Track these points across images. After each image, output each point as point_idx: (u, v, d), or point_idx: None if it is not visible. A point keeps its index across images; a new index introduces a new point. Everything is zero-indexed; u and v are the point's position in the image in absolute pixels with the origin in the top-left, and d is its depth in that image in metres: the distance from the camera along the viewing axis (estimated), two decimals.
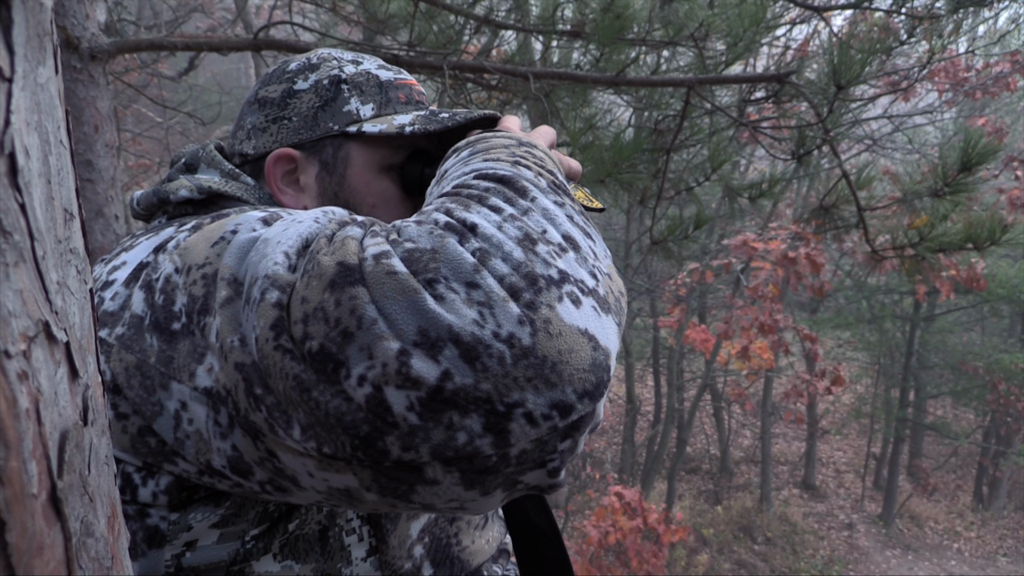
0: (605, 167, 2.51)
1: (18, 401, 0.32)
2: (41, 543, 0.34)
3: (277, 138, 0.96)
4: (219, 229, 0.71)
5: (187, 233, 0.74)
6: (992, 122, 10.12)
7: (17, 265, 0.32)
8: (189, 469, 0.68)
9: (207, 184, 0.91)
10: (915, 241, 2.52)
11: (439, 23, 2.91)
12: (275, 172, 0.95)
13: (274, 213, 0.72)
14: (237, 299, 0.64)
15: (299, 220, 0.67)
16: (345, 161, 0.96)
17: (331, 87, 0.97)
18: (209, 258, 0.69)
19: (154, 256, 0.74)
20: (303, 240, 0.65)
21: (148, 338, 0.69)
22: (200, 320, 0.66)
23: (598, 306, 0.62)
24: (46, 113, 0.35)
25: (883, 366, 15.67)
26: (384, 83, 1.00)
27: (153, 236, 0.82)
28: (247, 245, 0.67)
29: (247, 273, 0.64)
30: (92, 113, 2.37)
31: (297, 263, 0.62)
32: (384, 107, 0.98)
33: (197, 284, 0.68)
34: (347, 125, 0.95)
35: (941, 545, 13.31)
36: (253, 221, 0.70)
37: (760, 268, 7.86)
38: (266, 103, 0.98)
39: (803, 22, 6.82)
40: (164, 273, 0.71)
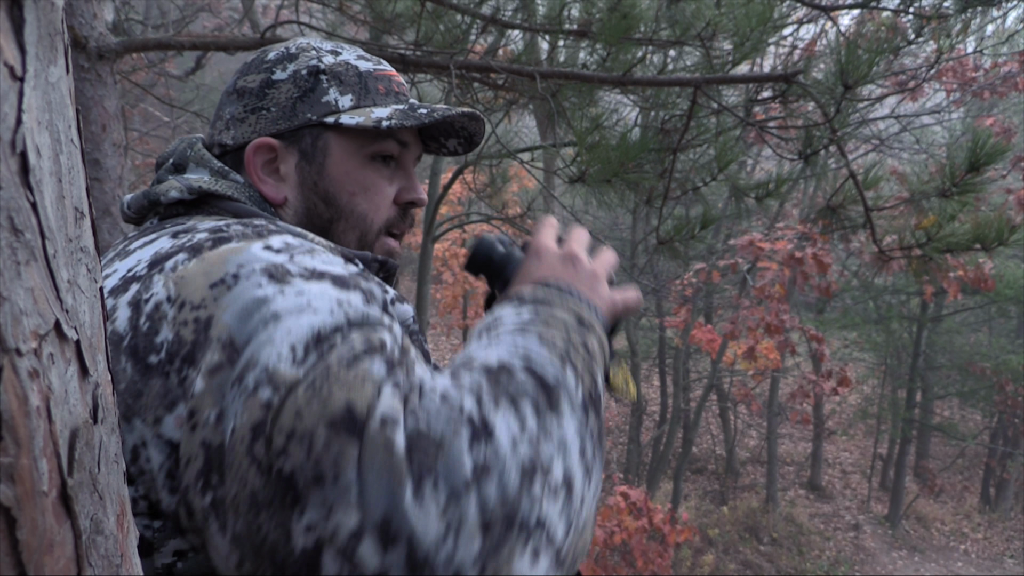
0: (612, 167, 2.51)
1: (29, 399, 0.32)
2: (51, 540, 0.34)
3: (256, 128, 0.96)
4: (220, 265, 0.69)
5: (186, 256, 0.72)
6: (1000, 122, 10.08)
7: (28, 263, 0.32)
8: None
9: (197, 184, 0.90)
10: (922, 241, 2.51)
11: (446, 23, 2.91)
12: (255, 161, 0.95)
13: (280, 266, 0.69)
14: (228, 369, 0.62)
15: (313, 307, 0.65)
16: (324, 151, 0.96)
17: (309, 77, 0.96)
18: (206, 300, 0.67)
19: (148, 273, 0.72)
20: (315, 334, 0.63)
21: (122, 361, 0.68)
22: (181, 368, 0.65)
23: (554, 562, 0.61)
24: (57, 112, 0.35)
25: (890, 367, 15.63)
26: (363, 73, 0.98)
27: (146, 242, 0.80)
28: (251, 307, 0.65)
29: (246, 347, 0.62)
30: (100, 112, 2.38)
31: (304, 358, 0.61)
32: (363, 98, 0.97)
33: (187, 326, 0.66)
34: (325, 115, 0.95)
35: (948, 546, 13.27)
36: (258, 271, 0.68)
37: (767, 268, 7.84)
38: (244, 93, 0.97)
39: (810, 21, 6.80)
40: (155, 298, 0.69)
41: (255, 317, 0.64)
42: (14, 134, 0.32)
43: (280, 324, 0.63)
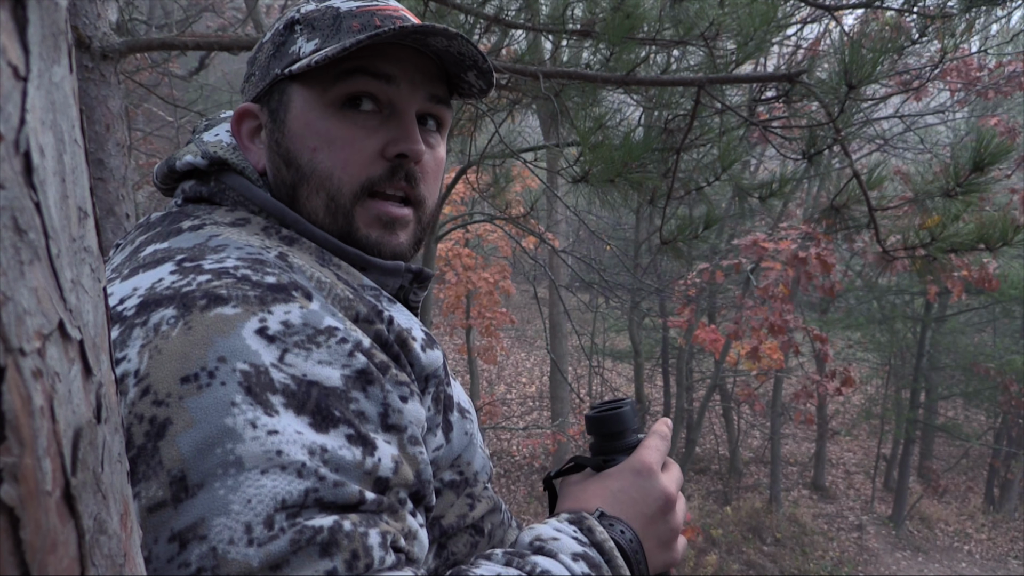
0: (615, 167, 2.50)
1: (33, 399, 0.32)
2: (55, 540, 0.34)
3: (247, 95, 0.90)
4: (201, 350, 0.60)
5: (174, 315, 0.63)
6: (1004, 122, 10.05)
7: (32, 263, 0.32)
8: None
9: (212, 150, 0.84)
10: (926, 241, 2.51)
11: (449, 22, 2.91)
12: (240, 130, 0.87)
13: (264, 374, 0.61)
14: (170, 510, 0.55)
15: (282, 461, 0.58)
16: (287, 105, 0.84)
17: (284, 31, 0.86)
18: (170, 397, 0.59)
19: (133, 319, 0.64)
20: (278, 503, 0.56)
21: None
22: None
23: None
24: (61, 112, 0.35)
25: (894, 367, 15.61)
26: (342, 14, 0.84)
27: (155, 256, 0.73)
28: (213, 440, 0.57)
29: (198, 493, 0.56)
30: (103, 112, 2.39)
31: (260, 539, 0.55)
32: (329, 39, 0.82)
33: (142, 423, 0.58)
34: (287, 66, 0.83)
35: (952, 547, 13.25)
36: (237, 375, 0.60)
37: (770, 268, 7.83)
38: (251, 62, 0.91)
39: (814, 21, 6.80)
40: (125, 367, 0.61)
41: (215, 454, 0.56)
42: (18, 134, 0.32)
43: (241, 482, 0.56)
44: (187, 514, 0.55)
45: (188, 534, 0.54)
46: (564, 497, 0.90)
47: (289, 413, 0.60)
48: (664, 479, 0.86)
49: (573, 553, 0.74)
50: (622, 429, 0.91)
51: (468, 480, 0.84)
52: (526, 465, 13.56)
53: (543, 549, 0.74)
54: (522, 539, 0.78)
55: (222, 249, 0.73)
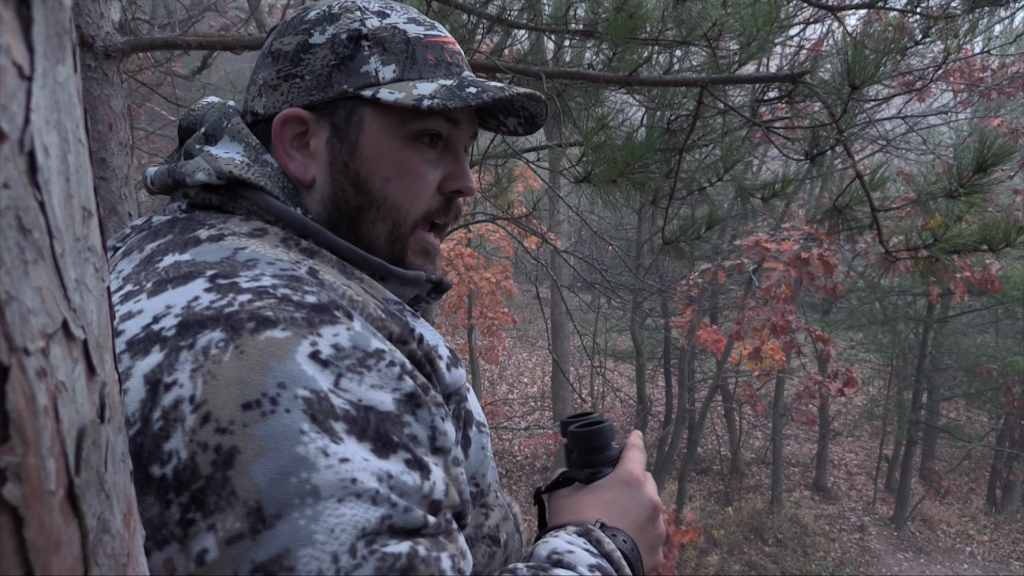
0: (617, 167, 2.50)
1: (36, 398, 0.32)
2: (58, 540, 0.34)
3: (288, 97, 0.85)
4: (259, 376, 0.59)
5: (223, 338, 0.61)
6: (1008, 123, 10.04)
7: (36, 263, 0.32)
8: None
9: (227, 168, 0.80)
10: (929, 242, 2.51)
11: (452, 22, 2.91)
12: (283, 135, 0.84)
13: (324, 400, 0.60)
14: (249, 542, 0.55)
15: (357, 489, 0.58)
16: (359, 127, 0.84)
17: (349, 43, 0.83)
18: (234, 425, 0.57)
19: (176, 342, 0.62)
20: (359, 532, 0.57)
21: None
22: (189, 506, 0.56)
23: None
24: (65, 111, 0.35)
25: (896, 368, 15.59)
26: (412, 40, 0.85)
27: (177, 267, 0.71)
28: (287, 469, 0.57)
29: (277, 523, 0.55)
30: (106, 111, 2.39)
31: (346, 564, 0.56)
32: (408, 69, 0.84)
33: (207, 451, 0.57)
34: (363, 87, 0.82)
35: (953, 548, 13.23)
36: (300, 403, 0.59)
37: (772, 269, 7.82)
38: (279, 57, 0.86)
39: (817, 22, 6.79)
40: (177, 391, 0.59)
41: (291, 484, 0.56)
42: (22, 133, 0.32)
43: (321, 512, 0.56)
44: (268, 545, 0.55)
45: (273, 566, 0.54)
46: (559, 509, 0.93)
47: (352, 439, 0.60)
48: (649, 489, 0.93)
49: (589, 564, 0.78)
50: (606, 442, 0.97)
51: (483, 491, 0.85)
52: (528, 465, 13.57)
53: (561, 562, 0.78)
54: (539, 553, 0.81)
55: (254, 264, 0.71)
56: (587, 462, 0.96)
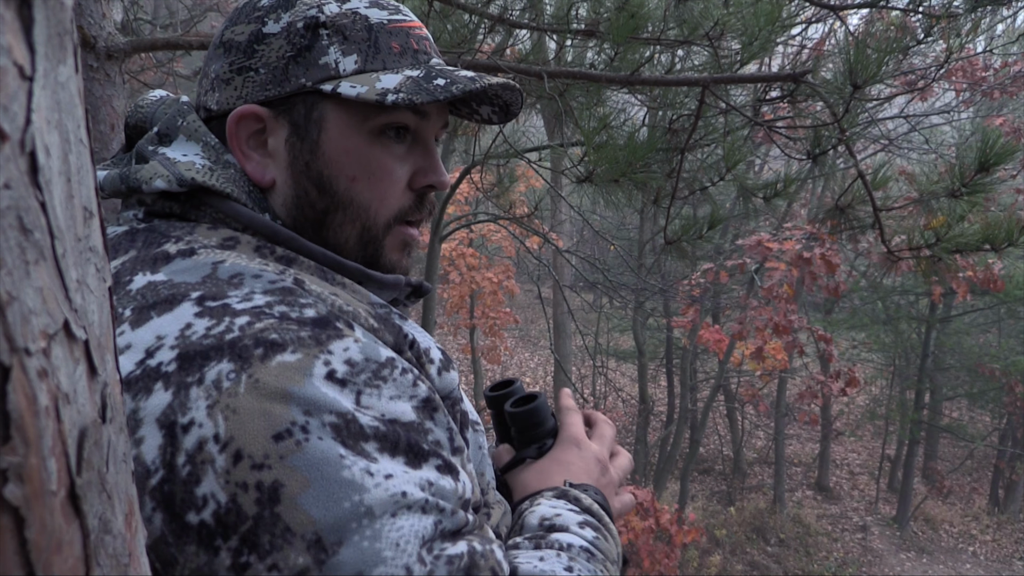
0: (619, 167, 2.50)
1: (38, 399, 0.32)
2: (60, 540, 0.34)
3: (242, 92, 0.78)
4: (281, 405, 0.57)
5: (232, 369, 0.58)
6: (1010, 122, 10.03)
7: (37, 263, 0.32)
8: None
9: (188, 175, 0.73)
10: (931, 242, 2.50)
11: (453, 22, 2.91)
12: (239, 133, 0.78)
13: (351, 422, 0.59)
14: (316, 574, 0.54)
15: (407, 502, 0.59)
16: (319, 124, 0.78)
17: (306, 32, 0.77)
18: (270, 458, 0.55)
19: (180, 377, 0.59)
20: (421, 540, 0.58)
21: (148, 506, 0.55)
22: (240, 550, 0.54)
23: None
24: (66, 112, 0.35)
25: (898, 367, 15.58)
26: (374, 26, 0.79)
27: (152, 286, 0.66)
28: (336, 495, 0.56)
29: (340, 550, 0.55)
30: (108, 112, 2.39)
31: (419, 573, 0.57)
32: (371, 59, 0.78)
33: (248, 491, 0.54)
34: (322, 81, 0.76)
35: (956, 548, 13.22)
36: (328, 428, 0.58)
37: (775, 268, 7.82)
38: (231, 48, 0.79)
39: (819, 21, 6.78)
40: (198, 432, 0.56)
41: (344, 508, 0.55)
42: (23, 134, 0.32)
43: (381, 530, 0.56)
44: (337, 572, 0.54)
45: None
46: (523, 484, 0.96)
47: (386, 456, 0.60)
48: (595, 445, 0.99)
49: (578, 522, 0.82)
50: (544, 416, 1.02)
51: (483, 490, 0.83)
52: None
53: (554, 526, 0.81)
54: (530, 523, 0.83)
55: (240, 282, 0.67)
56: (531, 437, 1.00)
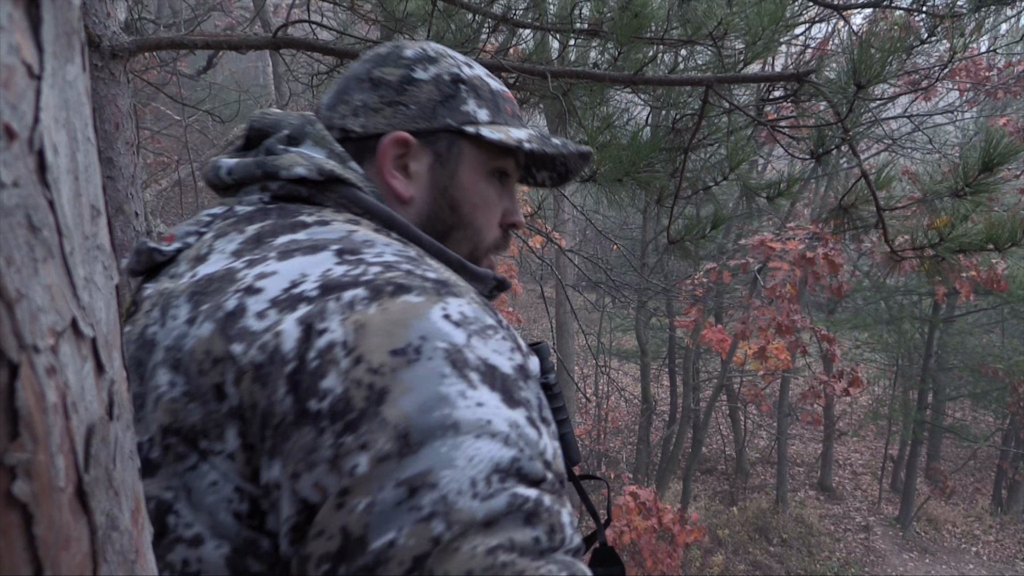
0: (623, 166, 2.50)
1: (46, 396, 0.32)
2: (68, 536, 0.34)
3: (392, 121, 0.94)
4: (403, 328, 0.66)
5: (365, 296, 0.68)
6: (1014, 121, 10.01)
7: (46, 261, 0.33)
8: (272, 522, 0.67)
9: (327, 166, 0.87)
10: (935, 242, 2.50)
11: (456, 22, 2.92)
12: (389, 153, 0.94)
13: (460, 352, 0.66)
14: (395, 462, 0.61)
15: (491, 430, 0.64)
16: (458, 157, 0.97)
17: (451, 84, 0.96)
18: (384, 367, 0.63)
19: (321, 297, 0.68)
20: (494, 466, 0.62)
21: (280, 392, 0.64)
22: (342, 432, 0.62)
23: None
24: (74, 110, 0.36)
25: (901, 367, 15.55)
26: (495, 91, 1.01)
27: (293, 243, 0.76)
28: (432, 404, 0.63)
29: (421, 450, 0.61)
30: (112, 111, 2.40)
31: (483, 495, 0.61)
32: (496, 115, 0.99)
33: (360, 387, 0.63)
34: (464, 124, 0.96)
35: (959, 548, 13.20)
36: (440, 352, 0.65)
37: (778, 268, 7.81)
38: (381, 84, 0.96)
39: (822, 21, 6.78)
40: (330, 335, 0.65)
41: (434, 416, 0.62)
42: (32, 132, 0.32)
43: (460, 442, 0.62)
44: (412, 466, 0.60)
45: (417, 481, 0.60)
46: None
47: (485, 388, 0.66)
48: None
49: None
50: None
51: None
52: None
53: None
54: None
55: (372, 244, 0.77)
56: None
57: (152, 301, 0.77)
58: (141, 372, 0.72)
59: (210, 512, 0.65)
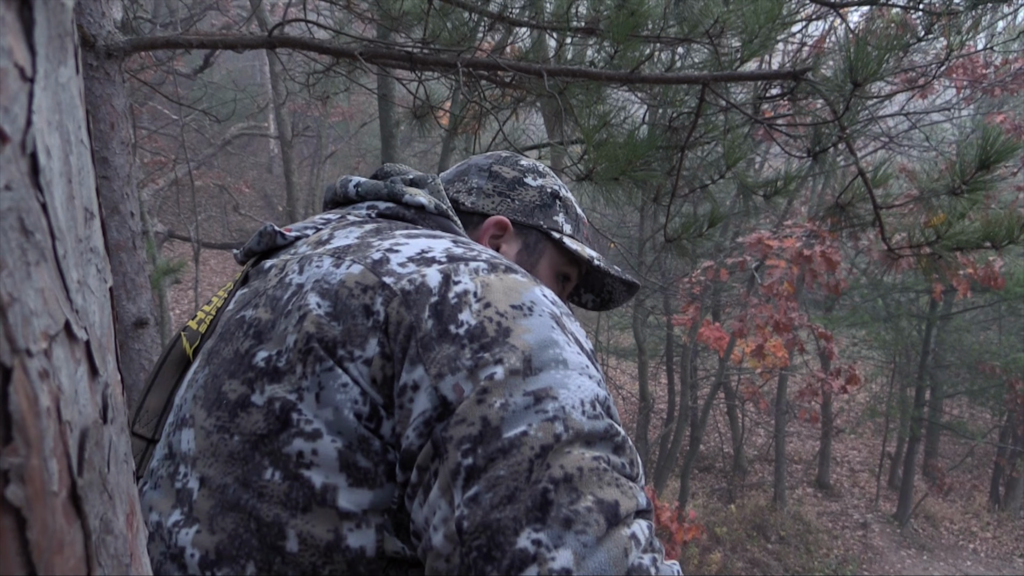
0: (619, 165, 2.50)
1: (39, 399, 0.32)
2: (61, 540, 0.34)
3: (498, 208, 1.18)
4: (517, 291, 0.82)
5: (486, 267, 0.84)
6: (1011, 119, 10.01)
7: (38, 264, 0.32)
8: (387, 427, 0.78)
9: (443, 206, 1.07)
10: (932, 239, 2.50)
11: (453, 20, 2.91)
12: (490, 230, 1.15)
13: (560, 318, 0.83)
14: (519, 378, 0.75)
15: (589, 373, 0.79)
16: (540, 252, 1.19)
17: (551, 197, 1.22)
18: (507, 314, 0.79)
19: (450, 262, 0.84)
20: (595, 398, 0.77)
21: (425, 314, 0.79)
22: (478, 350, 0.76)
23: None
24: (67, 113, 0.35)
25: (899, 365, 15.57)
26: (579, 216, 1.27)
27: (412, 234, 0.92)
28: (546, 342, 0.78)
29: (540, 373, 0.75)
30: (108, 111, 2.39)
31: (590, 416, 0.75)
32: (576, 231, 1.24)
33: (491, 322, 0.78)
34: (552, 229, 1.20)
35: (956, 545, 13.22)
36: (547, 313, 0.81)
37: (775, 266, 7.82)
38: (497, 177, 1.21)
39: (819, 18, 6.77)
40: (465, 284, 0.81)
41: (549, 352, 0.77)
42: (24, 135, 0.32)
43: (570, 373, 0.77)
44: (536, 382, 0.75)
45: (542, 393, 0.74)
46: None
47: (576, 347, 0.81)
48: None
49: None
50: None
51: None
52: None
53: None
54: None
55: (476, 244, 0.93)
56: None
57: (281, 266, 0.91)
58: (274, 305, 0.85)
59: (336, 408, 0.77)
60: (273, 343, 0.81)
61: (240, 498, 0.77)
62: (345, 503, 0.76)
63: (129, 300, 2.53)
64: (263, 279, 0.92)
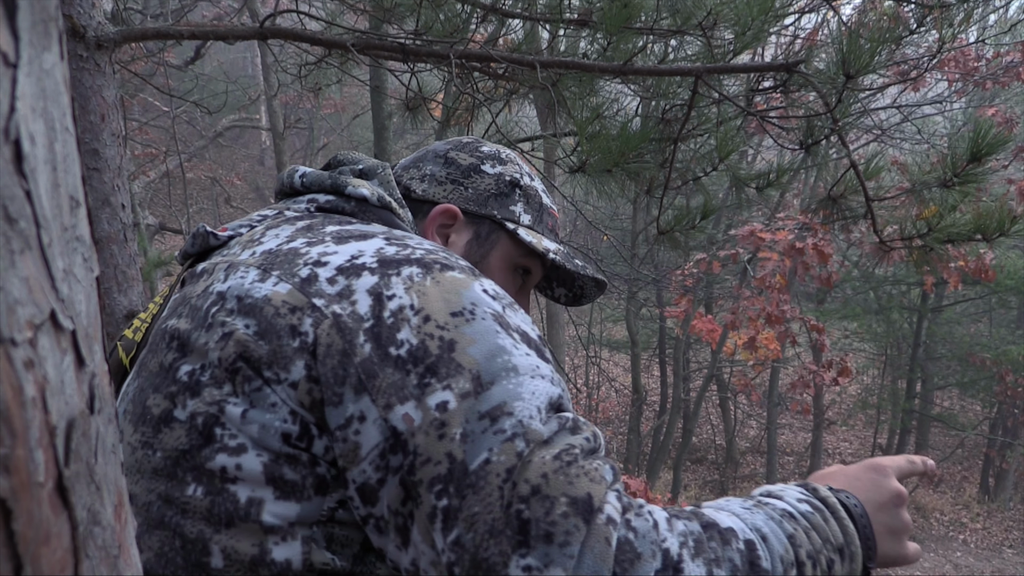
0: (612, 157, 2.50)
1: (24, 389, 0.32)
2: (48, 532, 0.34)
3: (449, 196, 1.12)
4: (456, 295, 0.80)
5: (420, 271, 0.81)
6: (1002, 112, 10.04)
7: (23, 253, 0.32)
8: (330, 455, 0.77)
9: (387, 198, 1.03)
10: (923, 232, 2.51)
11: (445, 11, 2.90)
12: (437, 218, 1.09)
13: (503, 317, 0.81)
14: (473, 399, 0.74)
15: (541, 373, 0.79)
16: (493, 243, 1.13)
17: (509, 185, 1.15)
18: (448, 325, 0.77)
19: (382, 270, 0.81)
20: (550, 400, 0.78)
21: (361, 339, 0.76)
22: (424, 374, 0.75)
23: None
24: (52, 100, 0.35)
25: (890, 357, 15.65)
26: (543, 206, 1.19)
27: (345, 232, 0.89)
28: (494, 352, 0.77)
29: (492, 388, 0.75)
30: (98, 102, 2.37)
31: (546, 421, 0.76)
32: (537, 223, 1.17)
33: (433, 339, 0.76)
34: (507, 220, 1.13)
35: (947, 536, 13.31)
36: (489, 315, 0.80)
37: (767, 258, 7.83)
38: (452, 163, 1.14)
39: (812, 11, 6.78)
40: (400, 301, 0.78)
41: (498, 361, 0.76)
42: (7, 122, 0.31)
43: (522, 380, 0.76)
44: (489, 400, 0.74)
45: (496, 412, 0.73)
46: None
47: (524, 345, 0.80)
48: (893, 479, 0.95)
49: (796, 497, 0.87)
50: None
51: None
52: None
53: (771, 493, 0.90)
54: (752, 493, 0.92)
55: (411, 237, 0.91)
56: None
57: (211, 270, 0.88)
58: (195, 315, 0.83)
59: (263, 425, 0.76)
60: (195, 356, 0.80)
61: (164, 515, 0.76)
62: (270, 517, 0.76)
63: (120, 292, 2.52)
64: (193, 284, 0.89)
